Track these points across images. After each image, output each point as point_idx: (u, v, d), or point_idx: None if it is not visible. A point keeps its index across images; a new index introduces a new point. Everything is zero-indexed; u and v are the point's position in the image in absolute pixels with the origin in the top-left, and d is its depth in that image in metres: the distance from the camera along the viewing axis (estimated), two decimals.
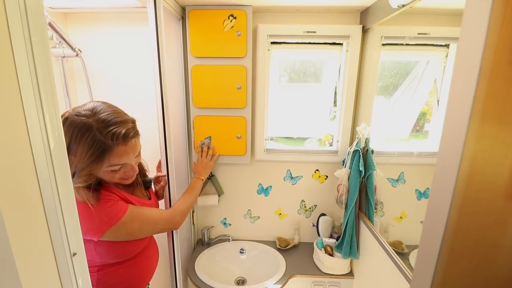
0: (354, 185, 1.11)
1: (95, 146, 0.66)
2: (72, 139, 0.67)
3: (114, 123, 0.69)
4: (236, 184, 1.38)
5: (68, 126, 0.67)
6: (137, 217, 0.79)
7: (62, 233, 0.47)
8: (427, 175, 1.05)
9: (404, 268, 0.81)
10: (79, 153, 0.67)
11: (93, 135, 0.66)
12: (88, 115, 0.68)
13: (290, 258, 1.30)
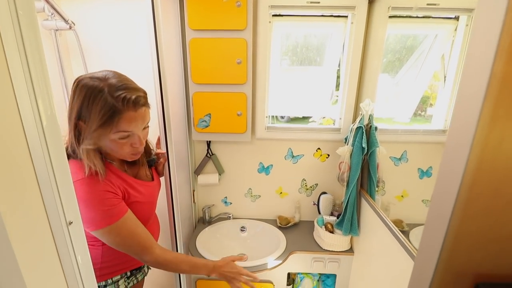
0: (356, 163, 1.10)
1: (105, 108, 0.66)
2: (84, 102, 0.67)
3: (126, 88, 0.69)
4: (237, 163, 1.37)
5: (80, 88, 0.68)
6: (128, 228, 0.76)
7: (56, 202, 0.46)
8: (430, 153, 1.03)
9: (407, 244, 0.80)
10: (91, 116, 0.67)
11: (105, 98, 0.66)
12: (101, 78, 0.69)
13: (291, 236, 1.31)
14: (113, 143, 0.72)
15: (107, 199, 0.72)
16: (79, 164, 0.72)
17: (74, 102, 0.69)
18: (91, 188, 0.70)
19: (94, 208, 0.70)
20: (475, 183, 0.24)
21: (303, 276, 1.32)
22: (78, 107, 0.68)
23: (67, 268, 0.45)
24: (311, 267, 1.24)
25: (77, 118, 0.69)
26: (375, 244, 1.04)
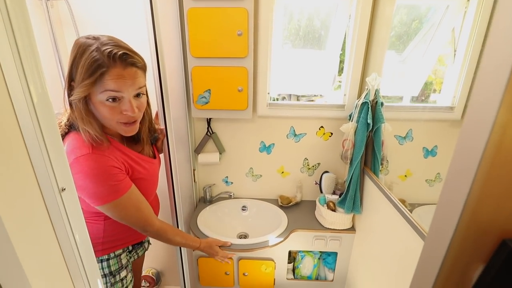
0: (360, 140, 1.07)
1: (90, 61, 0.63)
2: (75, 60, 0.65)
3: (115, 45, 0.65)
4: (238, 141, 1.34)
5: (73, 47, 0.66)
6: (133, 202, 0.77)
7: (48, 169, 0.44)
8: (436, 132, 0.99)
9: (413, 221, 0.78)
10: (77, 71, 0.64)
11: (91, 52, 0.63)
12: (96, 37, 0.67)
13: (292, 215, 1.30)
14: (102, 106, 0.67)
15: (113, 175, 0.71)
16: (81, 139, 0.69)
17: (69, 62, 0.66)
18: (97, 163, 0.68)
19: (100, 183, 0.69)
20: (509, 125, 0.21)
21: (304, 254, 1.32)
22: (69, 66, 0.66)
23: (61, 235, 0.44)
24: (312, 245, 1.24)
25: (69, 79, 0.67)
26: (377, 222, 1.03)
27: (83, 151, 0.67)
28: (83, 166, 0.67)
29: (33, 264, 0.38)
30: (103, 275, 0.86)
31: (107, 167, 0.70)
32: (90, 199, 0.71)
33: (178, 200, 1.16)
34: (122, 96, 0.68)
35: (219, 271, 1.29)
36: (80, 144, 0.68)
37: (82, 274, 0.44)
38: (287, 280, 1.32)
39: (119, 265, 0.89)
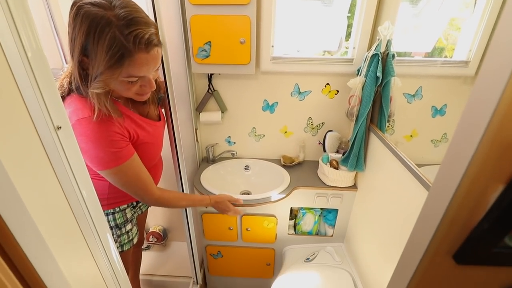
0: (368, 95, 1.02)
1: (114, 48, 0.57)
2: (89, 37, 0.57)
3: (137, 23, 0.59)
4: (240, 100, 1.30)
5: (82, 18, 0.57)
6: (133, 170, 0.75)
7: (41, 108, 0.42)
8: (448, 89, 0.95)
9: (422, 176, 0.77)
10: (97, 55, 0.58)
11: (113, 34, 0.57)
12: (106, 6, 0.57)
13: (295, 174, 1.31)
14: (122, 84, 0.65)
15: (115, 141, 0.68)
16: (84, 101, 0.66)
17: (76, 33, 0.59)
18: (100, 127, 0.66)
19: (102, 149, 0.67)
20: None
21: (305, 212, 1.36)
22: (82, 41, 0.58)
23: (60, 173, 0.43)
24: (314, 202, 1.27)
25: (81, 54, 0.60)
26: (381, 179, 1.03)
27: (85, 113, 0.64)
28: (86, 129, 0.64)
29: (33, 198, 0.37)
30: (109, 227, 0.89)
31: (110, 132, 0.67)
32: (91, 163, 0.69)
33: (181, 159, 1.16)
34: (144, 75, 0.66)
35: (222, 227, 1.33)
36: (80, 105, 0.65)
37: (83, 206, 0.44)
38: (288, 235, 1.37)
39: (124, 219, 0.91)
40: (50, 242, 0.39)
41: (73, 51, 0.61)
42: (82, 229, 0.46)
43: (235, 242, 1.40)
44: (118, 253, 0.59)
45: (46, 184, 0.41)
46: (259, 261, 1.43)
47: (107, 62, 0.59)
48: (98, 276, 0.53)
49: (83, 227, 0.46)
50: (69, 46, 0.62)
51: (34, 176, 0.40)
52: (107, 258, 0.55)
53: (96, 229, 0.50)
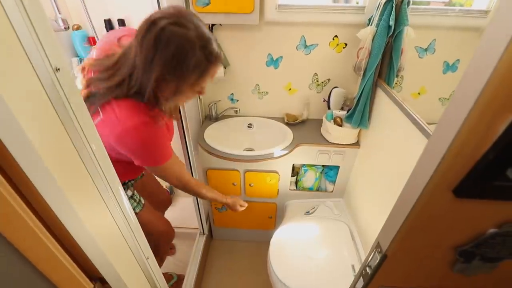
0: (378, 46, 0.97)
1: (199, 68, 0.64)
2: (173, 59, 0.61)
3: (210, 40, 0.64)
4: (243, 54, 1.24)
5: (167, 41, 0.59)
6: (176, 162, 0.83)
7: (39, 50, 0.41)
8: (462, 43, 0.89)
9: (430, 131, 0.75)
10: (184, 74, 0.64)
11: (198, 56, 0.62)
12: (185, 25, 0.60)
13: (298, 132, 1.31)
14: (193, 94, 0.72)
15: (165, 141, 0.76)
16: (140, 106, 0.68)
17: (156, 52, 0.60)
18: (156, 131, 0.71)
19: (157, 148, 0.74)
20: None
21: (307, 169, 1.39)
22: (163, 61, 0.61)
23: (62, 113, 0.43)
24: (316, 159, 1.29)
25: (160, 72, 0.63)
26: (386, 136, 1.02)
27: (142, 118, 0.67)
28: (143, 133, 0.69)
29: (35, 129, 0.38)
30: None
31: (162, 133, 0.73)
32: (145, 161, 0.76)
33: (184, 116, 1.15)
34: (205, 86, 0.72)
35: (226, 182, 1.38)
36: (137, 110, 0.68)
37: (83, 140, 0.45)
38: (290, 191, 1.42)
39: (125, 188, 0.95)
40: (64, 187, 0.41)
41: (149, 66, 0.62)
42: (89, 170, 0.48)
43: (239, 197, 1.46)
44: (129, 202, 0.61)
45: (50, 124, 0.42)
46: (262, 214, 1.51)
47: (192, 80, 0.65)
48: (112, 223, 0.57)
49: (90, 168, 0.48)
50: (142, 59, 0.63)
51: (38, 118, 0.40)
52: (119, 206, 0.58)
53: (104, 173, 0.52)
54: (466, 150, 0.27)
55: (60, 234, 0.45)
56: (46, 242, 0.43)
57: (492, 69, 0.23)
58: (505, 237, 0.38)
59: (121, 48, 0.71)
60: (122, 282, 0.59)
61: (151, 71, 0.62)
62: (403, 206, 0.35)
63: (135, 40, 0.63)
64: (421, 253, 0.40)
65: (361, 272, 0.48)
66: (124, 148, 0.71)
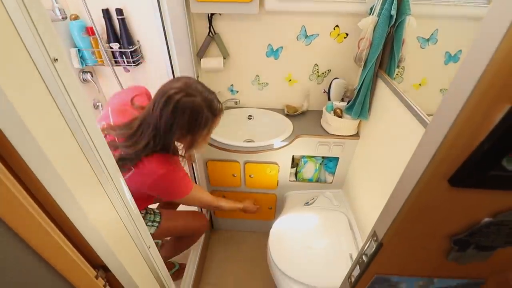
0: (379, 37, 0.96)
1: (208, 123, 0.82)
2: (191, 121, 0.79)
3: (213, 100, 0.83)
4: (243, 44, 1.23)
5: (183, 108, 0.77)
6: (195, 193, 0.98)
7: (36, 40, 0.41)
8: (465, 33, 0.88)
9: None
10: (198, 131, 0.82)
11: (206, 115, 0.80)
12: (193, 93, 0.78)
13: (298, 123, 1.31)
14: (203, 141, 0.88)
15: (186, 179, 0.93)
16: (165, 157, 0.85)
17: (174, 120, 0.78)
18: (180, 173, 0.90)
19: (182, 184, 0.91)
20: None
21: (306, 160, 1.39)
22: (181, 125, 0.79)
23: (62, 105, 0.43)
24: (316, 151, 1.29)
25: (179, 133, 0.81)
26: (385, 127, 1.02)
27: (168, 167, 0.84)
28: (171, 178, 0.87)
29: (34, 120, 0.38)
30: None
31: (183, 172, 0.91)
32: (176, 196, 0.94)
33: None
34: None
35: (227, 174, 1.39)
36: (164, 161, 0.84)
37: (83, 131, 0.46)
38: (290, 182, 1.43)
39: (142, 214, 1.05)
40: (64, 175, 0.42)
41: (169, 131, 0.80)
42: (89, 161, 0.48)
43: (238, 188, 1.47)
44: (130, 192, 0.62)
45: (50, 116, 0.42)
46: (262, 205, 1.52)
47: (204, 133, 0.84)
48: (114, 213, 0.58)
49: (91, 159, 0.48)
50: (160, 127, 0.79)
51: (37, 110, 0.40)
52: (120, 196, 0.58)
53: (104, 164, 0.53)
54: (462, 140, 0.28)
55: (63, 224, 0.46)
56: (50, 232, 0.43)
57: (489, 60, 0.23)
58: (499, 226, 0.39)
59: (135, 109, 0.88)
60: (124, 270, 0.60)
61: (172, 134, 0.80)
62: (399, 195, 0.35)
63: (153, 110, 0.79)
64: (416, 242, 0.41)
65: (358, 260, 0.49)
66: (158, 191, 0.90)
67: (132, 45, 1.35)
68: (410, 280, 0.51)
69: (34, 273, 0.44)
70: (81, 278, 0.51)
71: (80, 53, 1.31)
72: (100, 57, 1.35)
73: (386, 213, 0.39)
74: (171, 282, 0.95)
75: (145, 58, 1.45)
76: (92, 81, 1.40)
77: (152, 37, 1.39)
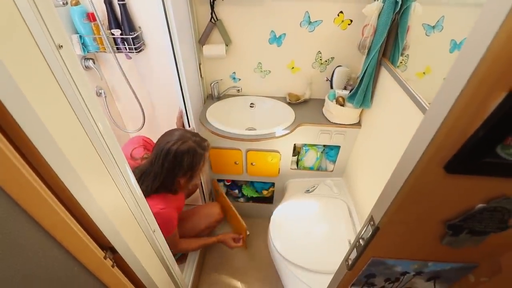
0: (384, 23, 0.94)
1: (201, 161, 1.03)
2: (188, 163, 0.99)
3: (201, 140, 1.04)
4: (245, 30, 1.22)
5: (181, 156, 0.98)
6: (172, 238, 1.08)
7: (41, 27, 0.41)
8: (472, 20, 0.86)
9: None
10: (196, 170, 1.03)
11: (199, 155, 1.01)
12: (185, 139, 0.99)
13: (300, 111, 1.31)
14: (198, 176, 1.08)
15: (174, 220, 1.04)
16: (163, 197, 1.02)
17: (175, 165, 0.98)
18: (171, 215, 1.02)
19: (172, 223, 1.02)
20: None
21: (308, 148, 1.40)
22: (181, 168, 0.99)
23: (67, 91, 0.44)
24: (317, 139, 1.30)
25: (181, 174, 1.01)
26: (388, 116, 1.02)
27: (164, 205, 0.99)
28: (165, 215, 0.98)
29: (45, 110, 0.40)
30: None
31: (173, 216, 1.03)
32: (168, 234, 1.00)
33: (186, 94, 1.16)
34: None
35: (229, 161, 1.41)
36: (163, 200, 1.01)
37: (89, 118, 0.47)
38: (291, 170, 1.45)
39: None
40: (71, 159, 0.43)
41: (171, 174, 1.00)
42: (96, 147, 0.50)
43: (240, 176, 1.49)
44: (135, 178, 0.64)
45: (57, 102, 0.43)
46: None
47: (200, 166, 1.04)
48: (119, 197, 0.59)
49: (97, 145, 0.50)
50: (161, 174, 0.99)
51: (45, 94, 0.41)
52: (125, 182, 0.60)
53: (110, 150, 0.54)
54: (459, 127, 0.28)
55: (74, 209, 0.48)
56: (63, 215, 0.45)
57: (487, 47, 0.23)
58: (492, 212, 0.40)
59: (135, 162, 1.07)
60: (130, 252, 0.63)
61: (174, 176, 1.00)
62: (396, 181, 0.36)
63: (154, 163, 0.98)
64: (411, 226, 0.42)
65: (355, 244, 0.51)
66: None
67: (133, 31, 1.34)
68: (405, 263, 0.53)
69: (49, 253, 0.46)
70: (91, 259, 0.54)
71: (82, 39, 1.31)
72: (101, 43, 1.34)
73: (383, 198, 0.41)
74: (175, 266, 0.99)
75: (146, 45, 1.43)
76: (94, 68, 1.40)
77: (154, 24, 1.37)
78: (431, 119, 0.30)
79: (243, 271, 1.50)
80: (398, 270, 0.56)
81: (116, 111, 1.59)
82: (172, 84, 1.14)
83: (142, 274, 0.71)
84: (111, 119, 1.50)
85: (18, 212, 0.40)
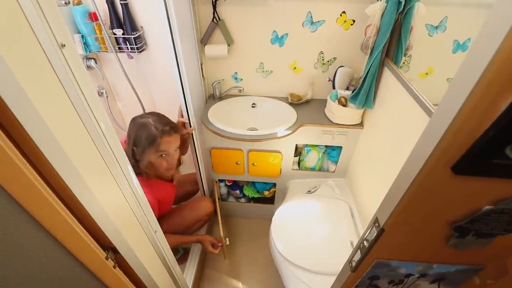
0: (387, 23, 0.94)
1: (151, 136, 1.01)
2: (139, 134, 1.01)
3: (167, 124, 1.04)
4: (247, 30, 1.21)
5: (135, 123, 1.03)
6: None
7: (44, 26, 0.41)
8: (475, 21, 0.85)
9: None
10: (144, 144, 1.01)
11: (153, 134, 1.00)
12: (145, 116, 1.04)
13: (302, 111, 1.31)
14: (157, 160, 1.05)
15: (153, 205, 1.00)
16: (149, 182, 1.08)
17: (131, 134, 1.02)
18: (153, 200, 1.05)
19: None
20: None
21: (309, 149, 1.40)
22: (133, 139, 1.02)
23: (70, 90, 0.44)
24: (319, 139, 1.29)
25: (133, 145, 1.02)
26: (391, 117, 1.02)
27: (146, 189, 0.93)
28: None
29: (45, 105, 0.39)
30: None
31: (152, 203, 0.98)
32: None
33: (187, 94, 1.15)
34: (168, 153, 1.06)
35: (230, 161, 1.40)
36: (145, 184, 1.02)
37: (91, 118, 0.46)
38: (293, 170, 1.45)
39: None
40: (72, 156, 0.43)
41: (132, 146, 1.02)
42: (97, 146, 0.49)
43: (242, 176, 1.49)
44: (136, 177, 0.64)
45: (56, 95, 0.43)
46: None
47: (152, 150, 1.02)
48: (121, 197, 0.59)
49: (99, 145, 0.49)
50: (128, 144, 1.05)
51: (45, 91, 0.41)
52: (127, 182, 0.60)
53: (112, 150, 0.54)
54: (467, 128, 0.28)
55: (75, 209, 0.48)
56: (64, 215, 0.45)
57: (497, 48, 0.23)
58: (500, 214, 0.39)
59: None
60: (132, 252, 0.62)
61: (131, 149, 1.01)
62: (403, 182, 0.36)
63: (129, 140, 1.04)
64: (417, 228, 0.42)
65: (359, 245, 0.51)
66: None
67: (135, 31, 1.34)
68: (410, 265, 0.53)
69: (50, 254, 0.46)
70: (92, 259, 0.53)
71: (84, 39, 1.31)
72: (103, 43, 1.34)
73: (389, 199, 0.40)
74: (176, 266, 0.99)
75: (148, 45, 1.43)
76: (96, 68, 1.40)
77: (156, 23, 1.37)
78: (438, 119, 0.30)
79: (244, 272, 1.50)
80: (402, 272, 0.55)
81: (117, 111, 1.59)
82: (173, 84, 1.14)
83: (144, 275, 0.71)
84: (112, 119, 1.50)
85: (19, 212, 0.40)
